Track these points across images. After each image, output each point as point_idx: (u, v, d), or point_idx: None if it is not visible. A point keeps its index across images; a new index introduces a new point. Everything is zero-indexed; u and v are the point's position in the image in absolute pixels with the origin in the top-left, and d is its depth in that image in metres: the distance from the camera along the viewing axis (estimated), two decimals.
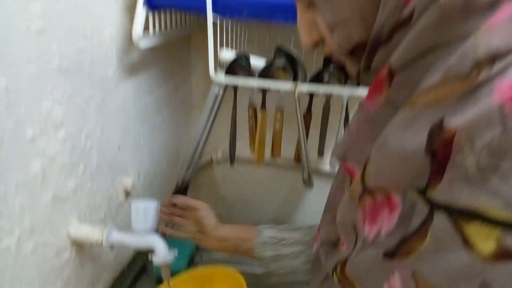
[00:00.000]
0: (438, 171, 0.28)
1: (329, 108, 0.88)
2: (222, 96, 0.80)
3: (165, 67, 0.93)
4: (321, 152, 0.93)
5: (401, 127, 0.31)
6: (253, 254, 0.68)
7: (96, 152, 0.69)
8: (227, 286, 0.73)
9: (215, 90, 0.79)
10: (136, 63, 0.79)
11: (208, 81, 0.86)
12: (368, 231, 0.35)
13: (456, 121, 0.27)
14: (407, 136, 0.30)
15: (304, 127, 0.78)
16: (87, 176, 0.67)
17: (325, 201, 1.24)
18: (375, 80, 0.37)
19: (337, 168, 0.92)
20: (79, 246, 0.66)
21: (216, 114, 0.84)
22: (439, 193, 0.28)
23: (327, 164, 1.11)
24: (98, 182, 0.70)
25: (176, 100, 1.03)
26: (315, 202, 1.23)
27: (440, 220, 0.28)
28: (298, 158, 0.90)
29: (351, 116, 0.85)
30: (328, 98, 0.85)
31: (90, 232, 0.64)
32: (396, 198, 0.32)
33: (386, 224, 0.33)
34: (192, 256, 0.97)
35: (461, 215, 0.27)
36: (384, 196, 0.33)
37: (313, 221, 1.25)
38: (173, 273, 0.90)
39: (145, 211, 0.63)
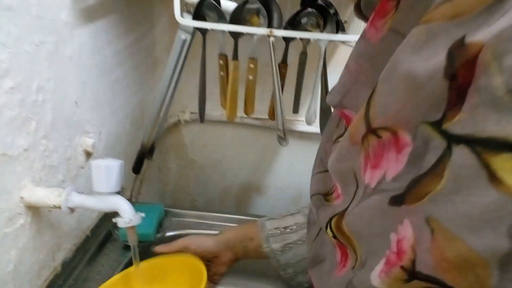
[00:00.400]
0: (457, 98, 0.24)
1: (306, 57, 0.82)
2: (190, 44, 0.73)
3: (125, 15, 0.84)
4: (296, 110, 0.89)
5: (413, 49, 0.26)
6: (261, 252, 0.65)
7: (50, 107, 0.61)
8: (187, 274, 0.65)
9: (181, 37, 0.71)
10: (93, 7, 0.70)
11: (173, 33, 0.78)
12: (370, 177, 0.31)
13: (480, 36, 0.22)
14: (422, 58, 0.25)
15: (279, 77, 0.72)
16: (41, 134, 0.59)
17: (300, 161, 1.22)
18: (380, 3, 0.32)
19: (314, 124, 0.89)
20: (35, 211, 0.60)
21: (183, 65, 0.77)
22: (459, 124, 0.24)
23: (303, 121, 1.07)
24: (54, 141, 0.63)
25: (139, 54, 0.94)
26: (289, 163, 1.20)
27: (461, 155, 0.24)
28: (272, 113, 0.85)
29: (329, 67, 0.81)
30: (305, 45, 0.79)
31: (46, 195, 0.57)
32: (405, 136, 0.27)
33: (393, 166, 0.28)
34: (161, 221, 0.92)
35: (486, 147, 0.23)
36: (391, 136, 0.28)
37: (287, 183, 1.24)
38: (142, 240, 0.85)
39: (107, 170, 0.57)
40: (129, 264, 0.80)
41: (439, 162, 0.25)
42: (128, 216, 0.58)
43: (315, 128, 1.06)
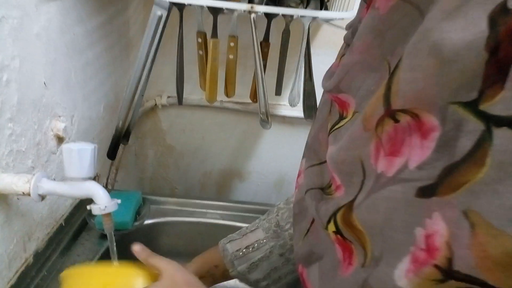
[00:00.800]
0: (497, 74, 0.21)
1: (288, 35, 0.78)
2: (166, 21, 0.69)
3: None
4: (279, 92, 0.86)
5: (445, 15, 0.23)
6: (229, 275, 0.63)
7: (16, 87, 0.57)
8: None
9: (157, 13, 0.67)
10: None
11: (148, 13, 0.74)
12: (386, 165, 0.27)
13: None
14: (456, 27, 0.22)
15: (261, 57, 0.69)
16: (7, 116, 0.55)
17: (282, 146, 1.19)
18: None
19: (297, 107, 0.86)
20: (2, 199, 0.56)
21: (158, 45, 0.73)
22: (501, 104, 0.21)
23: (285, 105, 1.05)
24: (22, 125, 0.59)
25: (111, 36, 0.90)
26: (270, 148, 1.18)
27: (504, 139, 0.21)
28: (254, 95, 0.82)
29: (312, 49, 0.78)
30: (288, 22, 0.76)
31: (13, 182, 0.53)
32: (431, 120, 0.24)
33: (418, 153, 0.25)
34: (138, 208, 0.89)
35: None
36: (412, 120, 0.25)
37: (269, 168, 1.22)
38: (119, 228, 0.82)
39: (80, 154, 0.53)
40: (106, 253, 0.78)
41: (477, 148, 0.22)
42: (103, 202, 0.55)
43: (298, 112, 1.04)
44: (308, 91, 0.78)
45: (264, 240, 0.62)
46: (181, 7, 0.70)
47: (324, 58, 0.95)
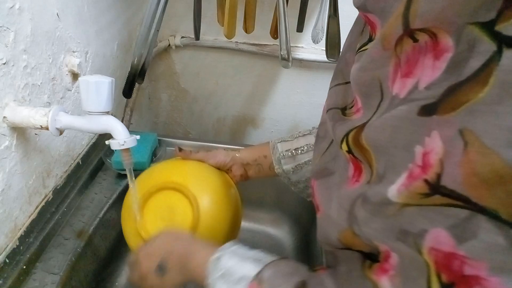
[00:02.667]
0: None
1: None
2: None
3: None
4: (301, 28, 0.81)
5: None
6: (274, 171, 0.65)
7: (29, 17, 0.54)
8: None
9: None
10: None
11: None
12: (400, 87, 0.27)
13: None
14: None
15: None
16: (21, 47, 0.53)
17: (298, 92, 1.17)
18: None
19: (321, 41, 0.82)
20: (20, 133, 0.55)
21: None
22: None
23: (303, 48, 1.00)
24: (36, 58, 0.57)
25: None
26: (285, 93, 1.14)
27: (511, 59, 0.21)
28: (275, 31, 0.78)
29: None
30: None
31: (31, 115, 0.52)
32: (447, 40, 0.24)
33: (429, 73, 0.25)
34: (154, 150, 0.88)
35: None
36: (430, 39, 0.25)
37: (283, 115, 1.19)
38: (136, 168, 0.81)
39: (97, 87, 0.51)
40: (124, 192, 0.78)
41: (484, 68, 0.22)
42: (122, 137, 0.54)
43: (316, 55, 1.00)
44: (332, 29, 0.74)
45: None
46: None
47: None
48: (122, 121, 0.96)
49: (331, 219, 0.37)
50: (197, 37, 0.79)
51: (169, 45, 1.04)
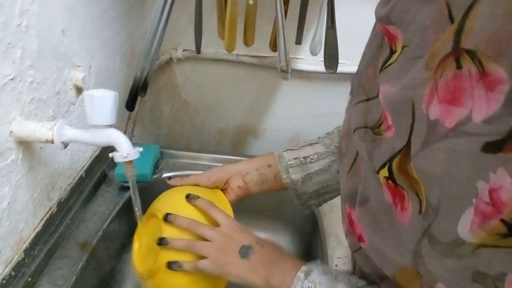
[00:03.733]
0: None
1: None
2: None
3: None
4: (299, 40, 0.82)
5: None
6: (281, 182, 0.62)
7: (36, 34, 0.55)
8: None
9: None
10: None
11: None
12: (443, 114, 0.26)
13: None
14: None
15: (282, 2, 0.66)
16: (27, 63, 0.54)
17: (298, 103, 1.17)
18: None
19: (319, 53, 0.83)
20: (26, 147, 0.56)
21: None
22: None
23: (303, 59, 1.02)
24: (42, 73, 0.58)
25: None
26: (286, 104, 1.16)
27: None
28: (274, 44, 0.79)
29: None
30: None
31: (37, 129, 0.53)
32: (498, 71, 0.23)
33: (483, 106, 0.24)
34: (157, 162, 0.89)
35: None
36: (476, 69, 0.24)
37: (284, 125, 1.20)
38: (139, 180, 0.82)
39: (101, 101, 0.52)
40: (127, 204, 0.79)
41: None
42: (125, 149, 0.55)
43: (315, 66, 1.02)
44: (329, 40, 0.75)
45: (324, 154, 0.61)
46: None
47: (347, 7, 0.93)
48: (124, 133, 0.97)
49: (386, 255, 0.35)
50: (198, 51, 0.81)
51: (171, 58, 1.06)
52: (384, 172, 0.33)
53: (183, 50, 1.05)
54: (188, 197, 0.59)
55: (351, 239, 0.45)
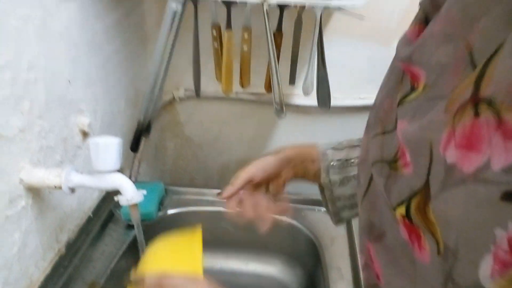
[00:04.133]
0: None
1: (301, 24, 0.79)
2: (181, 15, 0.71)
3: None
4: (293, 81, 0.86)
5: None
6: (318, 180, 0.60)
7: (43, 85, 0.59)
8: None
9: (172, 7, 0.69)
10: None
11: (163, 6, 0.76)
12: (461, 158, 0.26)
13: None
14: None
15: (274, 47, 0.70)
16: (35, 113, 0.58)
17: (297, 135, 1.18)
18: None
19: (311, 95, 0.86)
20: (36, 193, 0.59)
21: (175, 39, 0.74)
22: None
23: (299, 95, 1.05)
24: (50, 121, 0.61)
25: (129, 30, 0.91)
26: (285, 137, 1.19)
27: None
28: (269, 86, 0.83)
29: (325, 36, 0.79)
30: (300, 12, 0.77)
31: (46, 176, 0.56)
32: None
33: (501, 154, 0.24)
34: (161, 199, 0.91)
35: None
36: (493, 118, 0.24)
37: None
38: (144, 218, 0.84)
39: (106, 148, 0.55)
40: (134, 243, 0.81)
41: None
42: (129, 193, 0.57)
43: (312, 101, 1.04)
44: (321, 79, 0.79)
45: None
46: (195, 1, 0.71)
47: (337, 45, 0.97)
48: (130, 172, 1.00)
49: None
50: (197, 94, 0.85)
51: (173, 97, 1.10)
52: (402, 210, 0.33)
53: (185, 90, 1.09)
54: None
55: (368, 274, 0.44)
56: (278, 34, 0.80)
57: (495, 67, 0.25)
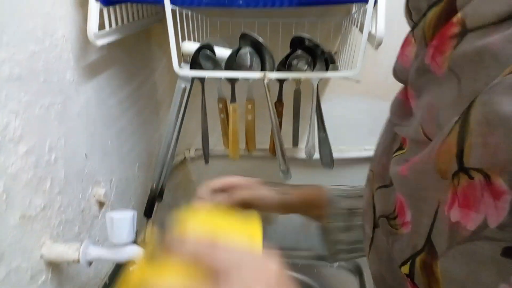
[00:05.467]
0: None
1: (299, 93, 0.86)
2: (190, 90, 0.77)
3: (126, 64, 0.88)
4: (296, 143, 0.92)
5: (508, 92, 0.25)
6: (323, 223, 0.62)
7: (62, 163, 0.63)
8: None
9: (181, 85, 0.75)
10: (95, 63, 0.74)
11: (173, 75, 0.81)
12: (463, 217, 0.28)
13: None
14: None
15: (276, 116, 0.76)
16: (56, 191, 0.62)
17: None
18: (441, 33, 0.32)
19: (314, 155, 0.90)
20: (55, 267, 0.61)
21: (185, 110, 0.80)
22: None
23: (302, 153, 1.09)
24: (68, 196, 0.65)
25: (141, 99, 0.97)
26: None
27: None
28: (273, 149, 0.89)
29: (322, 101, 0.84)
30: (298, 83, 0.84)
31: (65, 251, 0.59)
32: (500, 183, 0.25)
33: (494, 213, 0.26)
34: None
35: None
36: (484, 180, 0.27)
37: None
38: None
39: (120, 222, 0.59)
40: None
41: None
42: None
43: (317, 154, 1.08)
44: (322, 141, 0.85)
45: None
46: (202, 79, 0.77)
47: (338, 101, 1.03)
48: (144, 235, 1.02)
49: None
50: (206, 161, 0.89)
51: (185, 158, 1.14)
52: (406, 269, 0.33)
53: (196, 150, 1.13)
54: None
55: None
56: (279, 104, 0.87)
57: (470, 145, 0.27)
